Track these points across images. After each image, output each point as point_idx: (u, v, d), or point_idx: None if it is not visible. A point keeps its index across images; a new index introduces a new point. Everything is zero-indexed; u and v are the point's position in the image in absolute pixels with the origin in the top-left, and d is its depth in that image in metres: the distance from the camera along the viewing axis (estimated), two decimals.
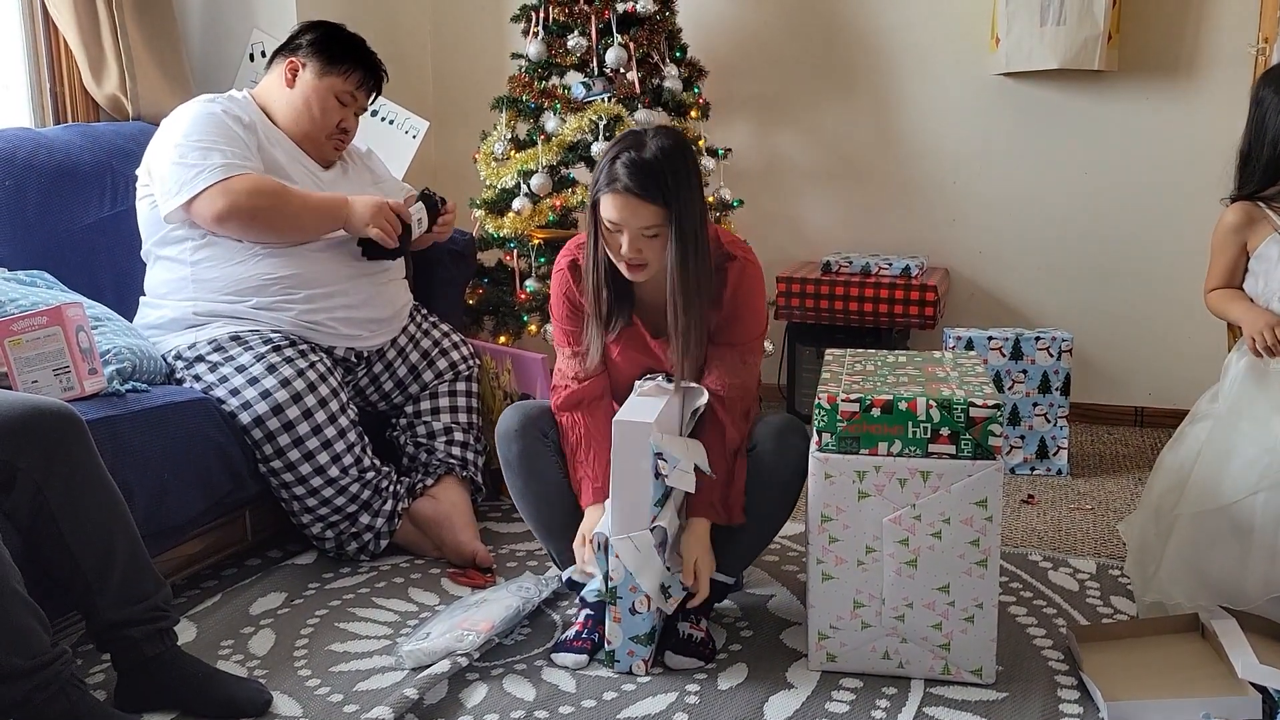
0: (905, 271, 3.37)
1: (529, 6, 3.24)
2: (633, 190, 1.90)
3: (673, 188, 1.91)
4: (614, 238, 1.97)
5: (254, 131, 2.45)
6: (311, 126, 2.53)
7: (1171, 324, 3.43)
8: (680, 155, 1.95)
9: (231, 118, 2.44)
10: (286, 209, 2.40)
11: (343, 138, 2.59)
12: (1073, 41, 3.23)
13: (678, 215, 1.93)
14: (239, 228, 2.38)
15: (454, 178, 3.77)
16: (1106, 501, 2.88)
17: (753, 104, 3.69)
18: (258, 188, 2.37)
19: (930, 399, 1.90)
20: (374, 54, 2.61)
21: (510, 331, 3.27)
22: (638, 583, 1.95)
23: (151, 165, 2.46)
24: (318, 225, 2.45)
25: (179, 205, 2.37)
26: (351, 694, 1.96)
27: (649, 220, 1.92)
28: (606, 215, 1.95)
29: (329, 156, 2.59)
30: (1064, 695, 1.93)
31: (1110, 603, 2.29)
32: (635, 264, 1.97)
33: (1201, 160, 3.31)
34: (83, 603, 1.85)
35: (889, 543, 1.93)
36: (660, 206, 1.91)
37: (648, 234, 1.94)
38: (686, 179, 1.94)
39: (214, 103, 2.47)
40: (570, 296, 2.13)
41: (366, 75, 2.57)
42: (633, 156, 1.91)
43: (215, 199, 2.34)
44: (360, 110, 2.62)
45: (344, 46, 2.56)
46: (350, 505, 2.42)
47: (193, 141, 2.38)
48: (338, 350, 2.51)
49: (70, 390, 2.05)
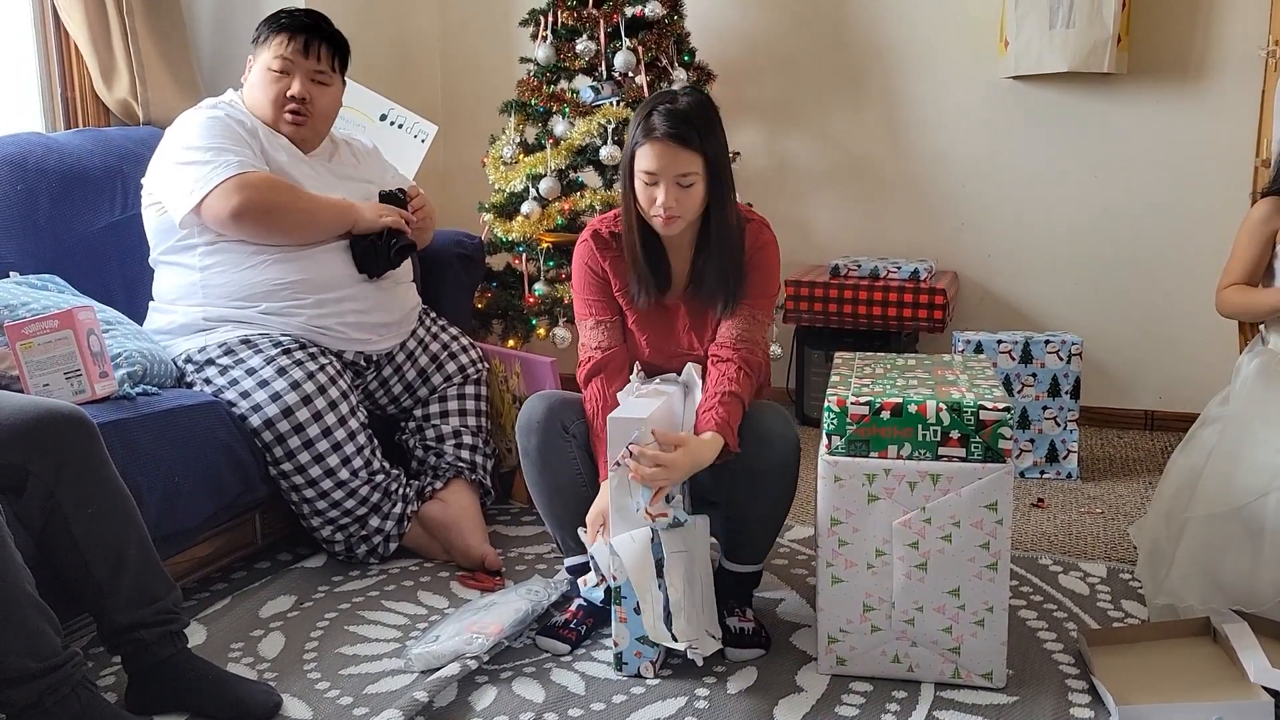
0: (914, 275, 3.36)
1: (538, 11, 3.25)
2: (671, 136, 1.97)
3: (707, 135, 2.00)
4: (650, 191, 2.02)
5: (256, 135, 2.46)
6: (264, 104, 2.49)
7: (1182, 327, 3.43)
8: (711, 108, 2.06)
9: (235, 122, 2.44)
10: (299, 205, 2.41)
11: (297, 108, 2.48)
12: (1082, 44, 3.22)
13: (713, 160, 2.01)
14: (253, 224, 2.37)
15: (463, 181, 3.78)
16: (1117, 505, 2.87)
17: (761, 108, 3.69)
18: (271, 183, 2.38)
19: (940, 402, 1.90)
20: (312, 17, 2.51)
21: (519, 335, 3.27)
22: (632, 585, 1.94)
23: (159, 172, 2.46)
24: (330, 223, 2.46)
25: (193, 206, 2.36)
26: (361, 697, 1.96)
27: (686, 167, 1.99)
28: (644, 166, 2.01)
29: (297, 134, 2.50)
30: (1075, 699, 1.93)
31: (1121, 606, 2.28)
32: (671, 215, 2.02)
33: (1211, 163, 3.31)
34: (94, 605, 1.86)
35: (899, 546, 1.93)
36: (696, 152, 1.99)
37: (684, 183, 2.00)
38: (718, 130, 2.05)
39: (217, 108, 2.48)
40: (592, 264, 2.17)
41: (295, 36, 2.46)
42: (669, 108, 2.00)
43: (230, 194, 2.33)
44: (314, 76, 2.49)
45: (276, 16, 2.51)
46: (360, 508, 2.42)
47: (203, 144, 2.38)
48: (347, 354, 2.51)
49: (81, 393, 2.06)
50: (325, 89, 2.53)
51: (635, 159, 2.03)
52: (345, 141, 2.70)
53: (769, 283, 2.15)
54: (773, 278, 2.16)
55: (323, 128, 2.58)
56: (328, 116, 2.57)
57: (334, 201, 2.48)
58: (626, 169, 2.06)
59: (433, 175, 3.66)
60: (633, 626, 1.98)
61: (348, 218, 2.48)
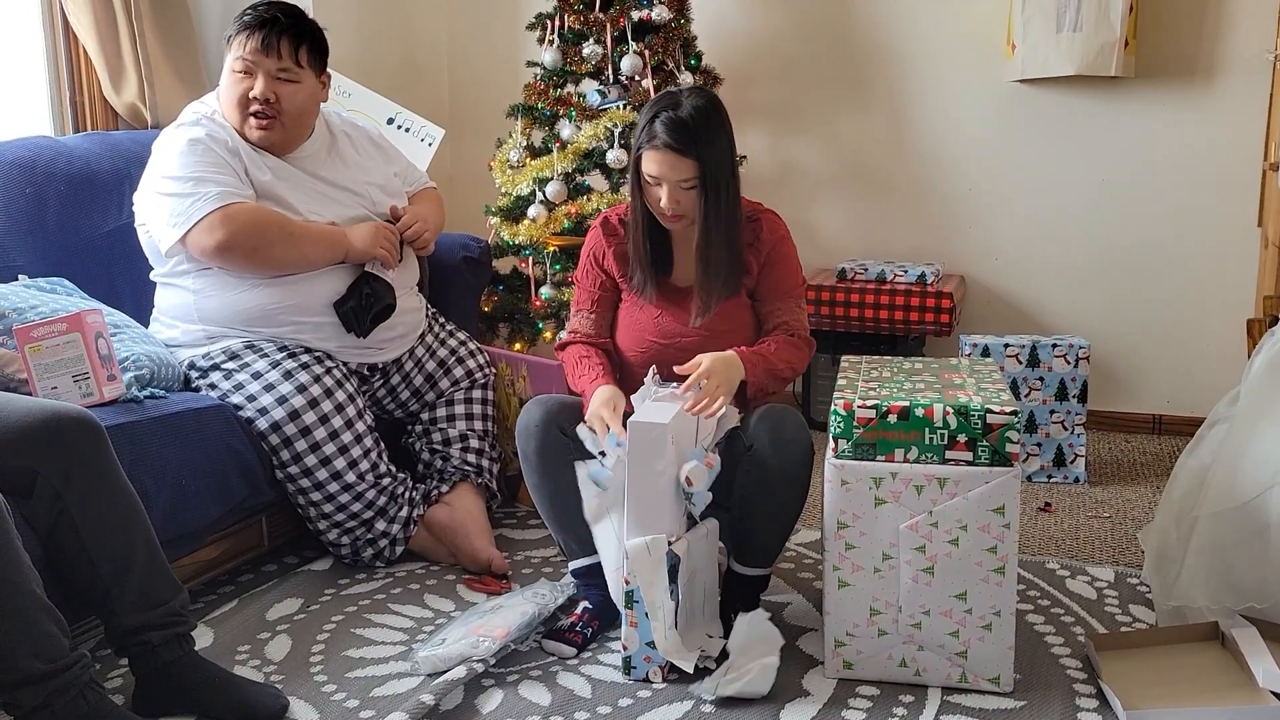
0: (921, 278, 3.36)
1: (545, 14, 3.25)
2: (671, 146, 2.06)
3: (705, 143, 2.07)
4: (654, 190, 2.12)
5: (238, 155, 2.37)
6: (229, 108, 2.38)
7: (1190, 330, 3.42)
8: (713, 112, 2.12)
9: (216, 143, 2.34)
10: (287, 238, 2.33)
11: (259, 109, 2.35)
12: (1089, 48, 3.22)
13: (709, 169, 2.08)
14: (238, 261, 2.30)
15: (469, 185, 3.79)
16: (1124, 509, 2.86)
17: (767, 111, 3.69)
18: (256, 218, 2.30)
19: (947, 406, 1.90)
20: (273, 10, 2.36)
21: (525, 338, 3.28)
22: (641, 596, 1.95)
23: (143, 198, 2.39)
24: (319, 258, 2.38)
25: (176, 239, 2.30)
26: (367, 699, 1.96)
27: (685, 174, 2.08)
28: (648, 170, 2.11)
29: (265, 139, 2.39)
30: (1082, 704, 1.92)
31: (1129, 611, 2.28)
32: (675, 214, 2.12)
33: (1218, 167, 3.30)
34: (101, 607, 1.86)
35: (906, 550, 1.92)
36: (694, 160, 2.07)
37: (685, 186, 2.09)
38: (719, 135, 2.11)
39: (198, 125, 2.38)
40: (596, 253, 2.28)
41: (253, 33, 2.33)
42: (670, 115, 2.07)
43: (213, 230, 2.26)
44: (277, 74, 2.35)
45: (242, 13, 2.37)
46: (366, 511, 2.43)
47: (183, 173, 2.30)
48: (352, 363, 2.51)
49: (89, 397, 2.07)
50: (293, 85, 2.37)
51: (640, 161, 2.12)
52: (345, 133, 2.60)
53: (795, 269, 2.24)
54: (797, 265, 2.25)
55: (296, 128, 2.43)
56: (300, 115, 2.41)
57: (324, 233, 2.39)
58: (634, 167, 2.15)
59: (439, 179, 3.65)
60: (643, 631, 1.98)
61: (338, 249, 2.40)
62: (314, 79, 2.45)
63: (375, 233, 2.46)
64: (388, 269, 2.48)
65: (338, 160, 2.55)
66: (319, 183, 2.49)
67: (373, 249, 2.44)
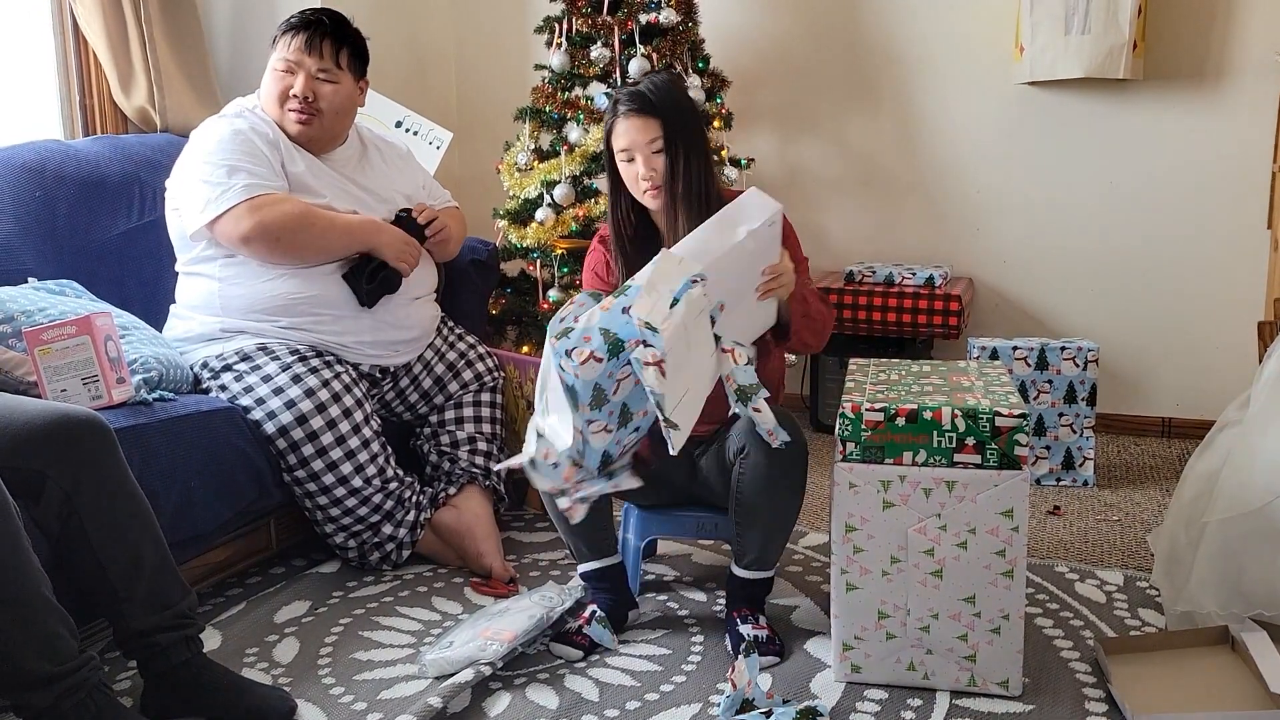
0: (929, 281, 3.36)
1: (552, 18, 3.26)
2: (632, 108, 2.11)
3: (667, 105, 2.11)
4: (630, 168, 2.13)
5: (276, 147, 2.44)
6: (270, 102, 2.47)
7: (1199, 333, 3.41)
8: (671, 84, 2.17)
9: (256, 134, 2.43)
10: (312, 230, 2.38)
11: (301, 107, 2.43)
12: (1097, 50, 3.21)
13: (673, 127, 2.10)
14: (265, 249, 2.36)
15: (477, 188, 3.79)
16: (1133, 513, 2.85)
17: (775, 114, 3.69)
18: (283, 209, 2.36)
19: (956, 408, 1.89)
20: (318, 14, 2.47)
21: (533, 341, 3.28)
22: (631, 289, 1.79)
23: (179, 179, 2.46)
24: (344, 247, 2.44)
25: (205, 223, 2.37)
26: (375, 702, 1.96)
27: (652, 133, 2.10)
28: (618, 145, 2.13)
29: (304, 133, 2.46)
30: (1091, 708, 1.91)
31: (1138, 615, 2.27)
32: (655, 184, 2.12)
33: (1228, 169, 3.29)
34: (110, 610, 1.87)
35: (914, 553, 1.92)
36: (658, 120, 2.10)
37: (655, 150, 2.11)
38: (680, 99, 2.15)
39: (240, 117, 2.47)
40: (598, 270, 2.26)
41: (298, 34, 2.43)
42: (629, 89, 2.16)
43: (241, 219, 2.33)
44: (318, 74, 2.44)
45: (288, 18, 2.48)
46: (373, 515, 2.43)
47: (218, 160, 2.37)
48: (363, 365, 2.52)
49: (98, 399, 2.07)
50: (332, 86, 2.46)
51: (612, 144, 2.15)
52: (377, 146, 2.67)
53: (797, 245, 2.20)
54: (796, 239, 2.21)
55: (333, 126, 2.50)
56: (339, 114, 2.50)
57: (353, 224, 2.45)
58: (609, 159, 2.18)
59: (448, 182, 3.65)
60: (610, 317, 1.76)
61: (368, 240, 2.45)
62: (352, 82, 2.53)
63: (406, 243, 2.52)
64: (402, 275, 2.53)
65: (368, 167, 2.62)
66: (349, 184, 2.55)
67: (395, 255, 2.49)
